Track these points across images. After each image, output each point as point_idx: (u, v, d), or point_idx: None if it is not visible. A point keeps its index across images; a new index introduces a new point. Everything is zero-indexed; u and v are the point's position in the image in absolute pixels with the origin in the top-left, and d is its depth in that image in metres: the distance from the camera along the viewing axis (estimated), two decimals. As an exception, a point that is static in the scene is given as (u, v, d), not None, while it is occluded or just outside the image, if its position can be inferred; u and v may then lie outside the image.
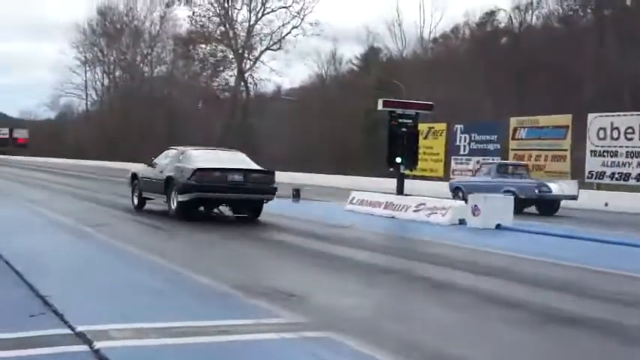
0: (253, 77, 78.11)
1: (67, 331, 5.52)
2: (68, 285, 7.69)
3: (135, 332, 5.55)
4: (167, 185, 15.93)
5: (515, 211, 17.35)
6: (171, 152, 17.35)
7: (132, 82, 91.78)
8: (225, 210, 17.14)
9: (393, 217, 18.38)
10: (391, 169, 20.74)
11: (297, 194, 23.74)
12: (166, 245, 11.82)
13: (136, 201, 17.99)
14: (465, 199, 21.44)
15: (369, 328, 6.13)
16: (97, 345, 5.10)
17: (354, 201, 20.71)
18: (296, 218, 17.53)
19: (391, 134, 19.89)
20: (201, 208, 16.23)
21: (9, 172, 38.25)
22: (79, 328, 5.49)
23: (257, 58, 77.80)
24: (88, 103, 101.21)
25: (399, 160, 19.67)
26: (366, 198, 20.53)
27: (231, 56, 78.65)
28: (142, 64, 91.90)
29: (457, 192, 24.89)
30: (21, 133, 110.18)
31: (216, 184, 15.19)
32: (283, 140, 64.32)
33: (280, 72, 77.84)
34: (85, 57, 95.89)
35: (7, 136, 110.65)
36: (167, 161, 16.80)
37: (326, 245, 12.34)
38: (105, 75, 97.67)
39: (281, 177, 40.93)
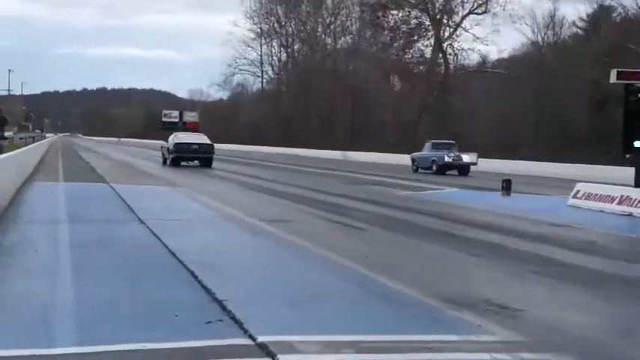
0: (453, 47, 77.11)
1: (248, 341, 5.77)
2: (246, 288, 8.04)
3: (323, 345, 5.70)
4: (168, 151, 38.14)
5: (440, 173, 37.05)
6: (172, 135, 39.60)
7: (312, 56, 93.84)
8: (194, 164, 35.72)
9: (630, 215, 17.72)
10: (628, 156, 20.03)
11: (507, 186, 23.35)
12: (354, 246, 12.06)
13: (161, 160, 40.40)
14: (418, 168, 40.07)
15: (599, 351, 5.98)
16: (281, 358, 5.29)
17: (580, 194, 20.19)
18: (506, 215, 17.32)
19: (628, 112, 19.21)
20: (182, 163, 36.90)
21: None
22: (261, 339, 5.73)
23: (458, 25, 76.79)
24: (264, 80, 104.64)
25: (638, 144, 18.93)
26: (595, 191, 19.93)
27: (427, 23, 78.18)
28: (323, 35, 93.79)
29: (413, 162, 41.29)
30: (191, 117, 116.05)
31: (185, 149, 37.21)
32: (489, 120, 63.47)
33: (486, 40, 75.67)
34: (261, 28, 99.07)
35: (177, 119, 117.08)
36: (170, 139, 38.62)
37: (544, 247, 12.08)
38: (282, 49, 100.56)
39: (487, 165, 40.68)
